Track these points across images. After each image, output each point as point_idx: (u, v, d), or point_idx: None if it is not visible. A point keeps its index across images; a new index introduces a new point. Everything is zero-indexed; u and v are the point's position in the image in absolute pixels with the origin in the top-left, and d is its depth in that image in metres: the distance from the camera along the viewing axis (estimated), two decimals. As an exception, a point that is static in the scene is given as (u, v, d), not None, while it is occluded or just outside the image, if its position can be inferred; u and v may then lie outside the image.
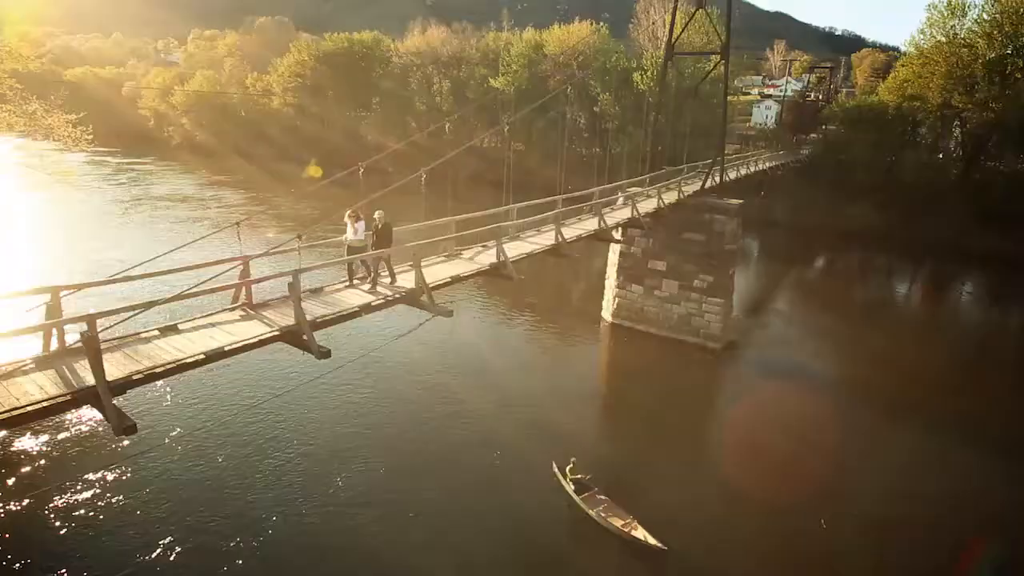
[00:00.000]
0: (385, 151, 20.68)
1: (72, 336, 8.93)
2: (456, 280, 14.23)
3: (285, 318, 10.60)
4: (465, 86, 71.13)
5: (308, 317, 10.53)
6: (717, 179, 28.39)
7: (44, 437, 17.15)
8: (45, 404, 7.87)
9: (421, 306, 12.78)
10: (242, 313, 10.93)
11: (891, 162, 52.07)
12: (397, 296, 12.51)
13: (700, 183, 28.11)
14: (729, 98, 34.94)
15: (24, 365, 8.49)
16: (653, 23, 64.41)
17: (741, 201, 27.04)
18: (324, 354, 10.34)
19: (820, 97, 73.56)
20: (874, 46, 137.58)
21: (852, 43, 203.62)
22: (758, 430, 19.81)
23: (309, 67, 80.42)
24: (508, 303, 30.54)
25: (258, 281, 11.12)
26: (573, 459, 15.90)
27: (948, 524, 15.73)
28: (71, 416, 17.30)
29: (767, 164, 43.35)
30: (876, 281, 45.15)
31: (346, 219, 12.83)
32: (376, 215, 12.97)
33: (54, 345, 8.91)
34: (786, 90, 74.53)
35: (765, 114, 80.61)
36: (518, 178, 28.70)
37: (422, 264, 12.75)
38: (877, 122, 52.14)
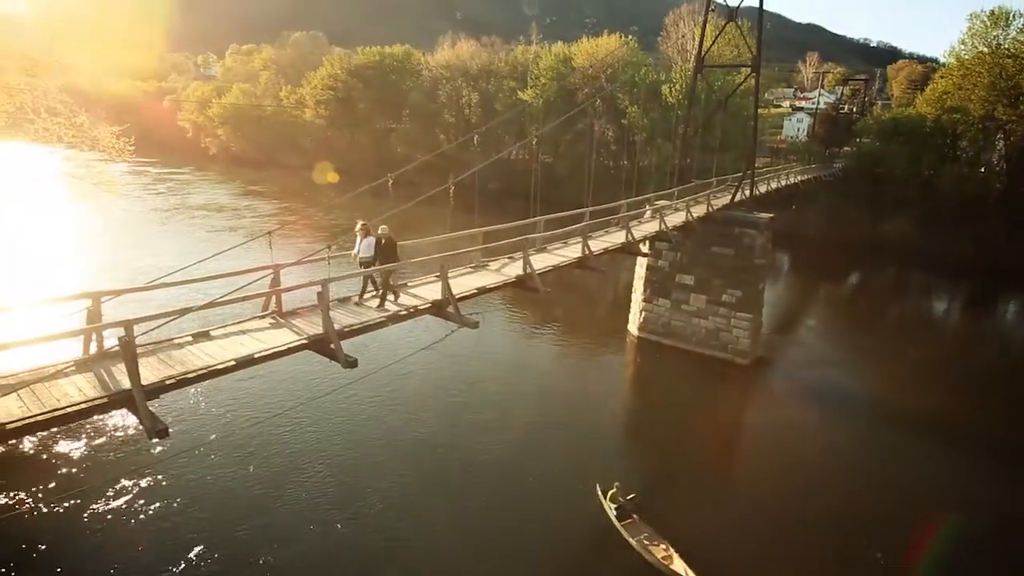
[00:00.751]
0: (414, 162, 20.92)
1: (110, 340, 9.23)
2: (483, 291, 14.26)
3: (313, 327, 10.77)
4: (493, 99, 71.84)
5: (336, 326, 10.67)
6: (747, 192, 28.00)
7: (79, 438, 17.64)
8: (84, 406, 8.14)
9: (447, 317, 12.82)
10: (272, 321, 11.16)
11: (929, 176, 50.67)
12: (424, 307, 12.59)
13: (729, 196, 27.77)
14: (760, 111, 34.55)
15: (65, 367, 8.80)
16: (682, 36, 64.21)
17: (771, 215, 26.61)
18: (351, 363, 10.45)
19: (854, 110, 72.08)
20: (911, 57, 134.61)
21: (888, 55, 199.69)
22: (792, 450, 19.33)
23: (341, 80, 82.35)
24: (533, 315, 30.50)
25: (288, 290, 11.31)
26: (617, 483, 15.40)
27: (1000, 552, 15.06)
28: (106, 418, 17.77)
29: (798, 178, 42.55)
30: (913, 298, 43.78)
31: (356, 231, 12.60)
32: (380, 230, 12.44)
33: (93, 349, 9.24)
34: (818, 102, 73.10)
35: (796, 127, 79.30)
36: (545, 190, 28.77)
37: (448, 275, 12.81)
38: (915, 135, 50.86)
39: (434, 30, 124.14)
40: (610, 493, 15.37)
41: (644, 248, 23.39)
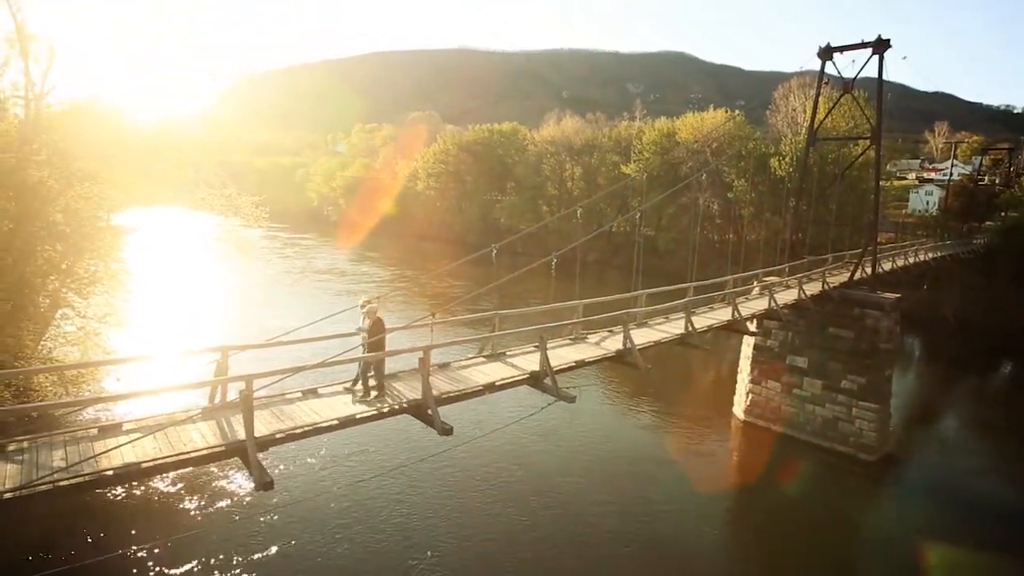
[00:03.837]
0: (517, 233, 21.61)
1: (232, 392, 10.03)
2: (581, 365, 14.03)
3: (412, 391, 11.05)
4: (596, 172, 73.39)
5: (434, 392, 10.87)
6: (868, 270, 25.91)
7: (190, 483, 18.48)
8: (204, 452, 8.82)
9: (544, 389, 12.65)
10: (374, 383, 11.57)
11: (1097, 255, 44.28)
12: (521, 377, 12.55)
13: (848, 274, 25.84)
14: (881, 183, 32.44)
15: (194, 414, 9.63)
16: (793, 110, 62.76)
17: (898, 295, 24.30)
18: (446, 431, 10.51)
19: (996, 180, 65.68)
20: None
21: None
22: None
23: (452, 155, 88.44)
24: (632, 391, 29.33)
25: (392, 354, 11.76)
26: None
27: None
28: (215, 465, 18.55)
29: (930, 254, 38.83)
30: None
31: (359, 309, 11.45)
32: (366, 309, 11.06)
33: (219, 398, 10.07)
34: (951, 173, 67.44)
35: (925, 200, 73.43)
36: (647, 263, 28.30)
37: (547, 346, 12.75)
38: (1075, 209, 45.17)
39: (541, 108, 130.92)
40: None
41: (751, 326, 22.09)
